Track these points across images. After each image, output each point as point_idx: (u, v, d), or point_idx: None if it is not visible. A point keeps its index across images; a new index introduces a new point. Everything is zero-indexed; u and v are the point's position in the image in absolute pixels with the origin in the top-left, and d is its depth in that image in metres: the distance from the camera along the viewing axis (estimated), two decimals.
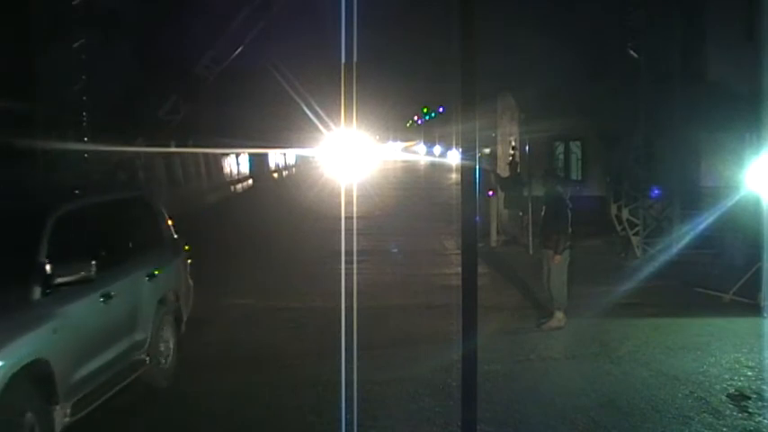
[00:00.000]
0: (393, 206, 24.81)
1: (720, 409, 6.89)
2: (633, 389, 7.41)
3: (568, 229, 9.71)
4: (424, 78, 56.61)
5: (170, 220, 8.34)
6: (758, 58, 14.32)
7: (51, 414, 5.51)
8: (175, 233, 8.37)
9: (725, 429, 6.47)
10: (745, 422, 6.62)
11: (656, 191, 14.77)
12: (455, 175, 36.93)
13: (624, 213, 14.95)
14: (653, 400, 7.10)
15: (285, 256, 15.28)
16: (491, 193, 16.38)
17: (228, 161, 31.28)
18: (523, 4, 26.19)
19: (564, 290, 9.71)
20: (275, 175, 41.25)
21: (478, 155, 4.44)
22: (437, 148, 68.66)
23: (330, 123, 25.60)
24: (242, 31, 20.36)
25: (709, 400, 7.10)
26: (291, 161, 47.50)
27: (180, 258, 8.37)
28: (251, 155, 34.39)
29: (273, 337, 9.40)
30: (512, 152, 22.01)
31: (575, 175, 23.20)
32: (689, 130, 15.73)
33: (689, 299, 11.09)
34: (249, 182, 34.06)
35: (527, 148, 20.92)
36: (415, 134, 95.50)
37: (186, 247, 8.57)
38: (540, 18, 24.00)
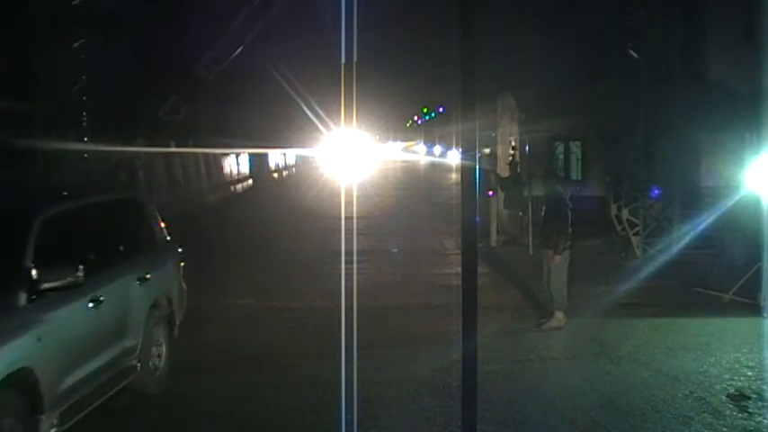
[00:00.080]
0: (393, 206, 24.81)
1: (720, 409, 6.89)
2: (633, 389, 7.41)
3: (568, 229, 9.71)
4: (424, 78, 56.63)
5: (163, 222, 8.12)
6: (758, 58, 14.32)
7: (37, 424, 5.37)
8: (168, 235, 8.17)
9: (725, 429, 6.47)
10: (745, 422, 6.62)
11: (656, 191, 14.77)
12: (455, 175, 36.92)
13: (624, 213, 14.95)
14: (653, 400, 7.10)
15: (285, 255, 15.28)
16: (491, 193, 16.38)
17: (228, 161, 31.29)
18: (523, 4, 26.19)
19: (564, 290, 9.71)
20: (275, 175, 41.26)
21: (478, 155, 4.44)
22: (437, 148, 68.66)
23: (330, 123, 25.62)
24: (242, 31, 20.35)
25: (709, 400, 7.10)
26: (291, 161, 47.52)
27: (173, 261, 8.15)
28: (251, 155, 34.41)
29: (273, 337, 9.41)
30: (512, 152, 22.01)
31: (575, 175, 23.19)
32: (689, 130, 15.74)
33: (689, 299, 11.09)
34: (249, 182, 34.08)
35: (527, 148, 20.92)
36: (415, 134, 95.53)
37: (180, 250, 8.36)
38: (540, 18, 23.99)
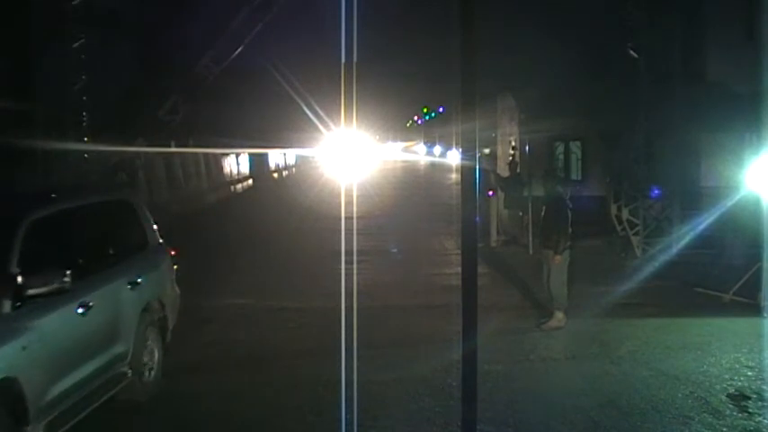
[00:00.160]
0: (393, 206, 24.80)
1: (720, 409, 6.89)
2: (633, 389, 7.41)
3: (568, 229, 9.71)
4: (424, 78, 56.56)
5: (156, 224, 7.92)
6: (758, 58, 14.34)
7: None
8: (161, 237, 7.97)
9: (725, 429, 6.47)
10: (745, 422, 6.61)
11: (656, 191, 14.76)
12: (455, 175, 36.92)
13: (624, 213, 14.94)
14: (653, 400, 7.10)
15: (285, 255, 15.29)
16: (491, 193, 16.37)
17: (228, 161, 31.31)
18: (523, 3, 26.20)
19: (564, 290, 9.70)
20: (275, 175, 41.28)
21: (478, 155, 4.43)
22: (437, 149, 68.65)
23: (330, 123, 25.63)
24: (242, 31, 20.37)
25: (709, 400, 7.10)
26: (291, 161, 47.55)
27: (166, 264, 7.90)
28: (251, 155, 34.43)
29: (273, 336, 9.41)
30: (512, 152, 22.00)
31: (575, 175, 23.18)
32: (689, 130, 15.74)
33: (689, 299, 11.08)
34: (249, 182, 34.10)
35: (527, 148, 20.92)
36: (415, 134, 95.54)
37: (173, 252, 8.12)
38: (541, 18, 24.00)
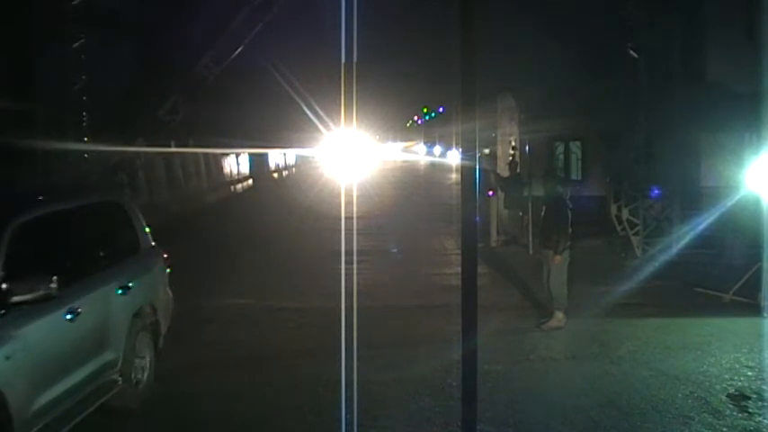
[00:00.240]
0: (393, 206, 24.79)
1: (720, 409, 6.89)
2: (633, 389, 7.41)
3: (568, 229, 9.71)
4: (424, 78, 56.63)
5: (147, 227, 7.70)
6: (758, 58, 14.34)
7: None
8: (153, 240, 7.76)
9: (725, 429, 6.47)
10: (745, 422, 6.61)
11: (656, 191, 14.76)
12: (455, 175, 36.93)
13: (624, 213, 14.94)
14: (653, 400, 7.09)
15: (285, 255, 15.29)
16: (491, 193, 16.37)
17: (228, 161, 31.32)
18: (523, 4, 26.22)
19: (564, 290, 9.70)
20: (275, 175, 41.30)
21: (478, 155, 4.43)
22: (437, 149, 68.68)
23: (330, 123, 25.65)
24: (242, 31, 20.38)
25: (709, 400, 7.10)
26: (291, 161, 47.56)
27: (158, 268, 7.69)
28: (251, 155, 34.45)
29: (273, 336, 9.40)
30: (512, 152, 22.00)
31: (575, 175, 23.19)
32: (689, 130, 15.73)
33: (689, 299, 11.08)
34: (249, 182, 34.11)
35: (527, 148, 20.91)
36: (415, 134, 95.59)
37: (165, 255, 7.91)
38: (541, 18, 24.02)
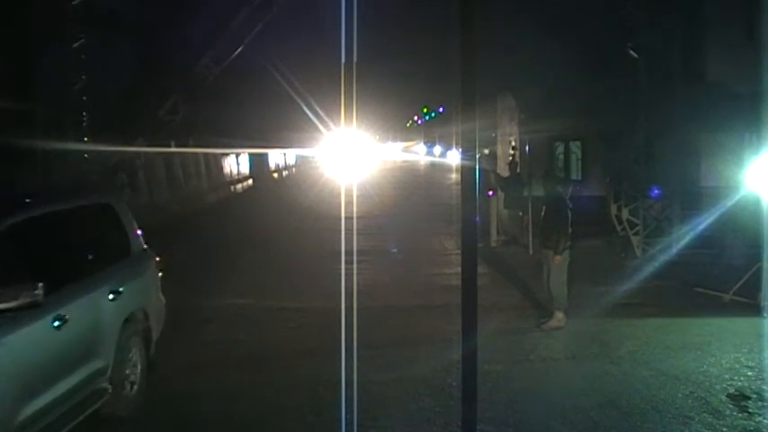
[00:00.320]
0: (393, 206, 24.80)
1: (720, 409, 6.89)
2: (633, 389, 7.41)
3: (568, 229, 9.71)
4: (424, 78, 56.70)
5: (139, 229, 7.50)
6: (758, 58, 14.33)
7: None
8: (145, 243, 7.55)
9: (725, 429, 6.47)
10: (745, 422, 6.61)
11: (656, 191, 14.76)
12: (455, 175, 36.93)
13: (624, 213, 14.94)
14: (653, 400, 7.09)
15: (285, 255, 15.29)
16: (491, 193, 16.37)
17: (228, 161, 31.32)
18: (523, 4, 26.22)
19: (564, 290, 9.70)
20: (275, 175, 41.31)
21: (478, 155, 4.43)
22: (437, 149, 68.71)
23: (330, 123, 25.67)
24: (242, 31, 20.39)
25: (709, 400, 7.10)
26: (291, 161, 47.57)
27: (150, 272, 7.50)
28: (251, 155, 34.46)
29: (273, 336, 9.40)
30: (512, 152, 22.00)
31: (575, 175, 23.18)
32: (689, 130, 15.73)
33: (689, 299, 11.08)
34: (249, 182, 34.12)
35: (527, 148, 20.92)
36: (415, 134, 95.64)
37: (158, 258, 7.72)
38: (541, 18, 24.01)
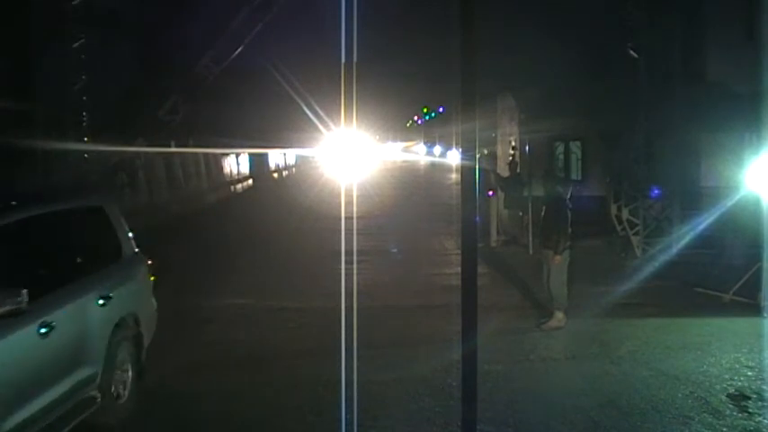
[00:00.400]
0: (393, 206, 24.80)
1: (720, 409, 6.89)
2: (633, 389, 7.41)
3: (568, 230, 9.71)
4: (424, 78, 56.73)
5: (130, 232, 7.34)
6: (758, 58, 14.33)
7: None
8: (136, 247, 7.39)
9: (725, 429, 6.47)
10: (745, 422, 6.61)
11: (656, 191, 14.76)
12: (455, 175, 36.93)
13: (624, 213, 14.94)
14: (653, 400, 7.09)
15: (285, 255, 15.29)
16: (491, 193, 16.37)
17: (228, 161, 31.33)
18: (523, 4, 26.22)
19: (564, 290, 9.70)
20: (275, 175, 41.32)
21: (478, 155, 4.43)
22: (437, 149, 68.74)
23: (330, 123, 25.68)
24: (242, 31, 20.41)
25: (709, 400, 7.10)
26: (291, 161, 47.58)
27: (142, 276, 7.33)
28: (251, 155, 34.47)
29: (273, 336, 9.40)
30: (512, 152, 22.00)
31: (575, 175, 23.17)
32: (689, 130, 15.73)
33: (689, 299, 11.08)
34: (249, 182, 34.13)
35: (527, 148, 20.91)
36: (415, 134, 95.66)
37: (150, 262, 7.55)
38: (541, 18, 24.01)
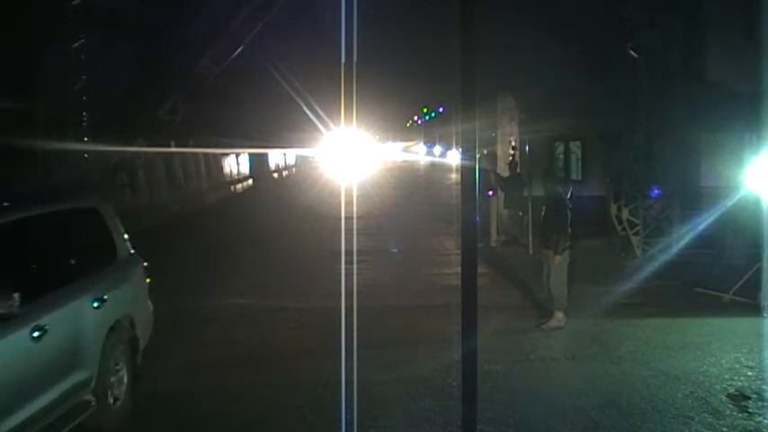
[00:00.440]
0: (393, 206, 24.80)
1: (720, 409, 6.89)
2: (633, 389, 7.41)
3: (568, 230, 9.71)
4: (424, 78, 56.74)
5: (126, 234, 7.26)
6: (758, 58, 14.33)
7: None
8: (132, 248, 7.32)
9: (725, 429, 6.46)
10: (745, 422, 6.61)
11: (656, 191, 14.76)
12: (455, 175, 36.93)
13: (624, 213, 14.94)
14: (653, 400, 7.09)
15: (285, 255, 15.29)
16: (491, 193, 16.37)
17: (228, 161, 31.34)
18: (523, 3, 26.22)
19: (564, 290, 9.70)
20: (275, 175, 41.32)
21: (478, 155, 4.43)
22: (437, 149, 68.74)
23: (330, 123, 25.68)
24: (242, 31, 20.41)
25: (709, 400, 7.10)
26: (291, 161, 47.59)
27: (137, 277, 7.25)
28: (251, 155, 34.47)
29: (273, 336, 9.40)
30: (512, 152, 22.00)
31: (575, 175, 23.17)
32: (689, 130, 15.73)
33: (689, 299, 11.08)
34: (249, 182, 34.13)
35: (527, 148, 20.92)
36: (415, 134, 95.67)
37: (145, 264, 7.46)
38: (541, 18, 24.01)
